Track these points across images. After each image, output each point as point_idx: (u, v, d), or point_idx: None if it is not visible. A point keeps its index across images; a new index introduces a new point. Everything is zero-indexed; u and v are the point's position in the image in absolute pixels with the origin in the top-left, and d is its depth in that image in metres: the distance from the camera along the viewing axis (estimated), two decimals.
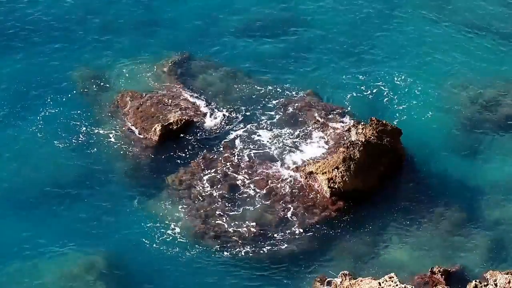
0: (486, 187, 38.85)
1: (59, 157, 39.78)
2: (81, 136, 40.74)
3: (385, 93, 43.52)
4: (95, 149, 40.23)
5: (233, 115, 42.00)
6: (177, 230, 36.86)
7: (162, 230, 36.84)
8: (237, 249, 36.20)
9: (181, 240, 36.51)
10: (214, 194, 38.27)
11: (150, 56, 45.27)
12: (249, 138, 40.85)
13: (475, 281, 34.17)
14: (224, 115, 41.98)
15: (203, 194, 38.31)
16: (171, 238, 36.54)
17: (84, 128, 41.13)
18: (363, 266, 35.66)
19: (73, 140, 40.54)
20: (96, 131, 41.04)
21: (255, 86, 43.62)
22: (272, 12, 48.62)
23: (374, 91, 43.64)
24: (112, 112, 42.15)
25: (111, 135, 40.81)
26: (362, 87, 43.81)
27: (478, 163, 40.08)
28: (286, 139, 40.72)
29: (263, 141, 40.69)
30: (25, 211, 37.54)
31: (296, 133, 41.00)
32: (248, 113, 42.12)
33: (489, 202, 38.24)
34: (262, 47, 46.35)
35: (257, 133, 41.06)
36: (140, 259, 35.74)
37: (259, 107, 42.45)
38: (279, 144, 40.54)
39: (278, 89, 43.49)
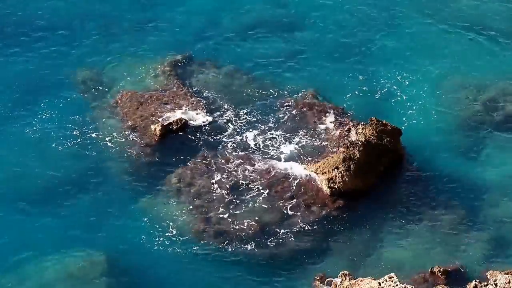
0: (486, 187, 38.85)
1: (58, 157, 39.75)
2: (80, 136, 40.71)
3: (385, 93, 43.53)
4: (94, 149, 40.20)
5: (233, 115, 41.98)
6: (178, 229, 36.85)
7: (163, 229, 36.81)
8: (237, 248, 36.18)
9: (181, 239, 36.48)
10: (214, 193, 38.26)
11: (150, 56, 45.24)
12: (249, 137, 40.84)
13: (475, 281, 34.15)
14: (223, 114, 41.96)
15: (203, 193, 38.30)
16: (171, 237, 36.52)
17: (84, 129, 41.10)
18: (363, 266, 35.65)
19: (73, 140, 40.51)
20: (96, 131, 41.00)
21: (255, 86, 43.63)
22: (272, 12, 48.61)
23: (374, 91, 43.65)
24: (112, 112, 42.13)
25: (111, 135, 40.80)
26: (362, 87, 43.81)
27: (478, 163, 40.07)
28: (286, 139, 40.71)
29: (263, 140, 40.67)
30: (24, 211, 37.50)
31: (296, 132, 40.99)
32: (248, 113, 42.10)
33: (489, 202, 38.24)
34: (263, 47, 46.34)
35: (257, 133, 41.04)
36: (140, 258, 35.71)
37: (259, 107, 42.45)
38: (279, 143, 40.53)
39: (278, 89, 43.49)
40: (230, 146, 40.42)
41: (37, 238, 36.38)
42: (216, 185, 38.59)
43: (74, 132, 40.86)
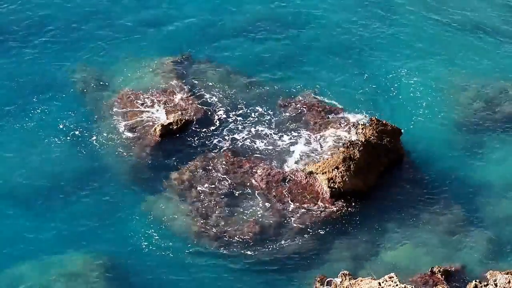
0: (486, 187, 38.89)
1: (58, 157, 39.72)
2: (80, 136, 40.69)
3: (385, 93, 43.56)
4: (94, 149, 40.18)
5: (233, 115, 41.99)
6: (177, 230, 36.85)
7: (162, 230, 36.80)
8: (237, 249, 36.18)
9: (181, 240, 36.48)
10: (214, 194, 38.27)
11: (150, 56, 45.24)
12: (249, 138, 40.85)
13: (475, 281, 34.16)
14: (224, 115, 41.97)
15: (203, 194, 38.30)
16: (170, 238, 36.50)
17: (83, 128, 41.07)
18: (363, 266, 35.67)
19: (72, 140, 40.48)
20: (95, 131, 41.00)
21: (255, 86, 43.64)
22: (272, 12, 48.65)
23: (374, 91, 43.68)
24: (111, 111, 42.11)
25: (110, 135, 40.78)
26: (362, 87, 43.86)
27: (478, 162, 40.11)
28: (286, 139, 40.72)
29: (263, 141, 40.69)
30: (23, 211, 37.45)
31: (296, 133, 41.00)
32: (248, 113, 42.11)
33: (489, 202, 38.27)
34: (262, 47, 46.36)
35: (257, 133, 41.05)
36: (139, 259, 35.67)
37: (259, 107, 42.44)
38: (279, 144, 40.54)
39: (278, 89, 43.50)
40: (230, 146, 40.42)
41: (36, 239, 36.31)
42: (216, 186, 38.58)
43: (73, 132, 40.82)
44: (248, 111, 42.23)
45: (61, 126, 41.10)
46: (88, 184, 38.71)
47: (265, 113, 42.14)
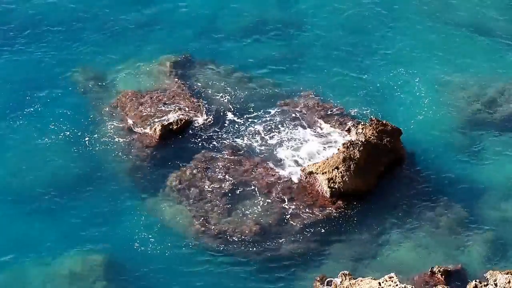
0: (486, 187, 38.85)
1: (58, 157, 39.73)
2: (80, 136, 40.69)
3: (385, 93, 43.56)
4: (94, 149, 40.19)
5: (233, 115, 41.99)
6: (177, 229, 36.85)
7: (162, 229, 36.80)
8: (237, 250, 36.17)
9: (181, 240, 36.48)
10: (214, 194, 38.26)
11: (150, 56, 45.25)
12: (249, 138, 40.87)
13: (475, 281, 34.15)
14: (224, 115, 41.98)
15: (203, 194, 38.30)
16: (170, 238, 36.51)
17: (84, 128, 41.09)
18: (363, 266, 35.66)
19: (73, 140, 40.49)
20: (95, 131, 41.01)
21: (255, 87, 43.65)
22: (272, 13, 48.64)
23: (374, 91, 43.68)
24: (111, 112, 42.13)
25: (110, 135, 40.78)
26: (362, 87, 43.85)
27: (478, 163, 40.10)
28: (286, 139, 40.73)
29: (263, 141, 40.69)
30: (22, 211, 37.44)
31: (296, 133, 41.01)
32: (248, 113, 42.12)
33: (489, 202, 38.25)
34: (263, 47, 46.37)
35: (257, 133, 41.07)
36: (139, 259, 35.68)
37: (259, 107, 42.46)
38: (279, 144, 40.55)
39: (278, 89, 43.52)
40: (230, 146, 40.43)
41: (35, 239, 36.28)
42: (216, 186, 38.58)
43: (73, 132, 40.83)
44: (248, 111, 42.24)
45: (60, 128, 41.08)
46: (88, 185, 38.71)
47: (265, 113, 42.15)
